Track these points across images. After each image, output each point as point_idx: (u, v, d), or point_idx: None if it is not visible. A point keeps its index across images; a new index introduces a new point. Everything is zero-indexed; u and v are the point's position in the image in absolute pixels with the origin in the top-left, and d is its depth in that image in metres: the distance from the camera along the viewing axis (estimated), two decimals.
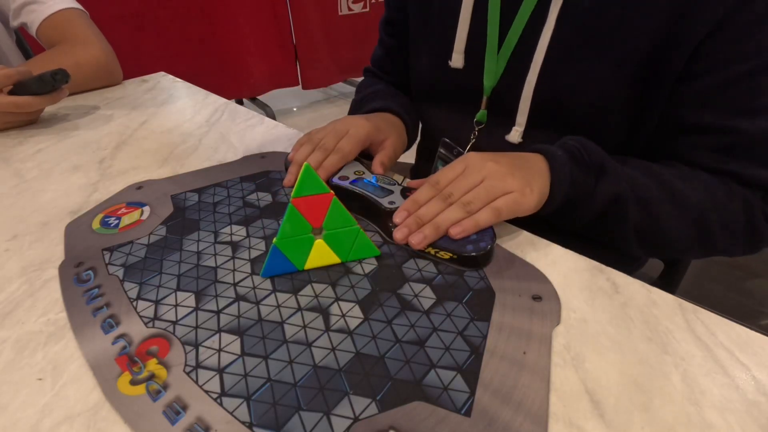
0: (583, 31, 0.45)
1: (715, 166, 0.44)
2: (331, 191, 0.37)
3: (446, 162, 0.56)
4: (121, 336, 0.33)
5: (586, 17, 0.44)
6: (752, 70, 0.40)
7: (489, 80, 0.52)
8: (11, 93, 0.65)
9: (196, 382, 0.29)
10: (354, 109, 0.64)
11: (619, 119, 0.47)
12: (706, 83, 0.42)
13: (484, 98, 0.54)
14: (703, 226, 0.44)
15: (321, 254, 0.39)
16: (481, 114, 0.54)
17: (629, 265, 0.59)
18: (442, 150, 0.56)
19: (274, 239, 0.37)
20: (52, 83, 0.65)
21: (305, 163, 0.36)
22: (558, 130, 0.48)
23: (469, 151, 0.56)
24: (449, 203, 0.40)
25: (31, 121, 0.70)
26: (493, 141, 0.54)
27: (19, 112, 0.67)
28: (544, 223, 0.44)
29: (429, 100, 0.62)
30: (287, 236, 0.37)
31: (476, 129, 0.55)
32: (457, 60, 0.54)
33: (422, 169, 0.68)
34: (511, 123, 0.51)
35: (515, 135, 0.52)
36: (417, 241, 0.39)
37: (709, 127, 0.43)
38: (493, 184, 0.40)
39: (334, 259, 0.39)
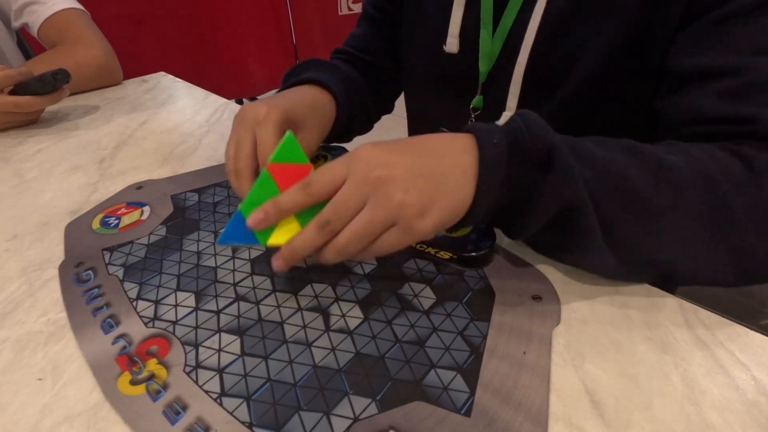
0: (574, 5, 0.44)
1: (728, 112, 0.36)
2: (311, 164, 0.34)
3: None
4: (121, 336, 0.33)
5: None
6: (751, 6, 0.36)
7: (484, 65, 0.51)
8: (12, 93, 0.65)
9: (196, 382, 0.30)
10: (282, 82, 0.54)
11: (616, 90, 0.45)
12: (703, 24, 0.38)
13: (480, 83, 0.53)
14: (715, 212, 0.33)
15: (288, 230, 0.34)
16: (477, 100, 0.53)
17: None
18: None
19: (240, 204, 0.33)
20: (53, 83, 0.65)
21: (288, 131, 0.33)
22: (550, 110, 0.46)
23: None
24: (328, 233, 0.31)
25: (31, 121, 0.70)
26: None
27: (19, 112, 0.67)
28: None
29: (423, 87, 0.61)
30: (255, 203, 0.33)
31: (473, 116, 0.54)
32: (451, 44, 0.53)
33: None
34: (503, 109, 0.50)
35: (505, 120, 0.50)
36: (277, 267, 0.32)
37: (714, 69, 0.37)
38: (374, 216, 0.30)
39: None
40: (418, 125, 0.67)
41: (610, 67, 0.44)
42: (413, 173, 0.31)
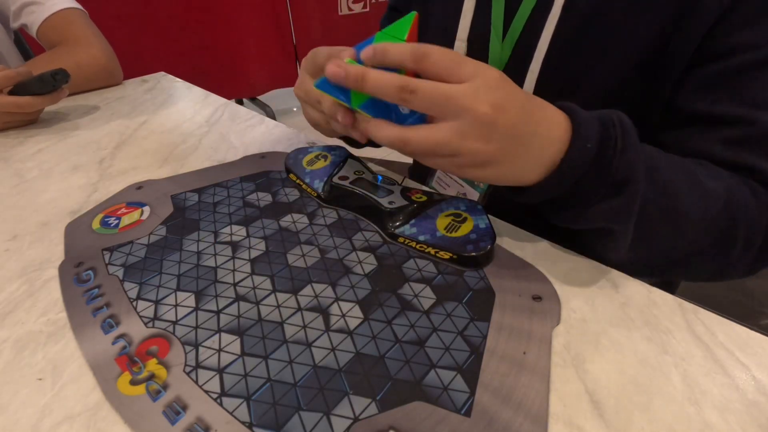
0: (590, 20, 0.44)
1: (729, 159, 0.40)
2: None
3: None
4: (121, 336, 0.33)
5: (593, 6, 0.44)
6: (762, 61, 0.39)
7: None
8: (11, 93, 0.65)
9: (196, 382, 0.30)
10: None
11: (623, 110, 0.46)
12: (717, 70, 0.40)
13: None
14: (726, 226, 0.38)
15: None
16: None
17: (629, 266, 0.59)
18: None
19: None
20: (53, 83, 0.65)
21: (413, 12, 0.35)
22: None
23: None
24: (402, 99, 0.31)
25: (30, 121, 0.70)
26: None
27: (19, 113, 0.67)
28: (545, 223, 0.44)
29: None
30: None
31: None
32: (459, 48, 0.53)
33: (421, 167, 0.68)
34: None
35: None
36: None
37: (722, 117, 0.40)
38: (445, 139, 0.31)
39: None
40: None
41: (619, 86, 0.45)
42: (508, 131, 0.31)
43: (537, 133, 0.32)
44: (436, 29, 0.56)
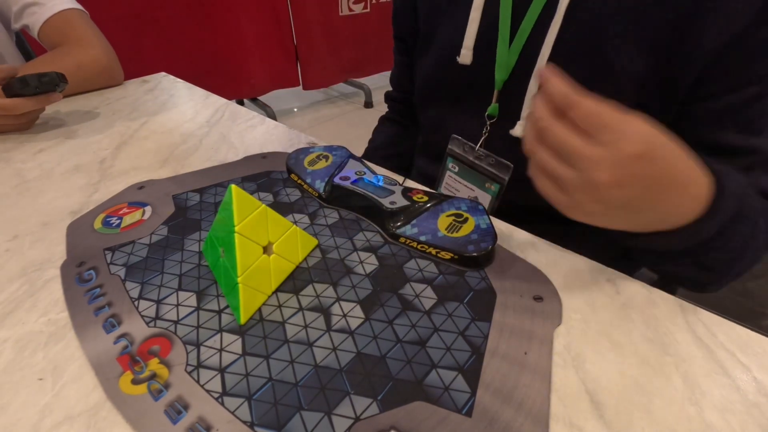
0: (590, 31, 0.45)
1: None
2: (262, 204, 0.36)
3: (457, 159, 0.56)
4: (123, 335, 0.33)
5: (593, 17, 0.44)
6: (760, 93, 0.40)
7: (501, 74, 0.52)
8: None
9: (198, 381, 0.30)
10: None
11: None
12: (724, 103, 0.42)
13: (496, 92, 0.53)
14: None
15: (279, 269, 0.37)
16: (493, 108, 0.54)
17: (629, 266, 0.59)
18: (452, 147, 0.56)
19: (238, 278, 0.33)
20: (37, 85, 0.62)
21: (231, 185, 0.34)
22: None
23: (480, 146, 0.54)
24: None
25: (23, 127, 0.67)
26: (502, 135, 0.54)
27: (6, 115, 0.63)
28: (545, 223, 0.44)
29: (437, 99, 0.62)
30: (246, 268, 0.34)
31: (488, 123, 0.55)
32: (465, 56, 0.54)
33: (424, 168, 0.68)
34: (518, 117, 0.51)
35: (519, 129, 0.51)
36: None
37: (731, 148, 0.43)
38: (580, 152, 0.31)
39: (291, 267, 0.38)
40: (432, 135, 0.67)
41: (623, 97, 0.45)
42: (621, 202, 0.32)
43: (657, 209, 0.34)
44: (442, 40, 0.57)
